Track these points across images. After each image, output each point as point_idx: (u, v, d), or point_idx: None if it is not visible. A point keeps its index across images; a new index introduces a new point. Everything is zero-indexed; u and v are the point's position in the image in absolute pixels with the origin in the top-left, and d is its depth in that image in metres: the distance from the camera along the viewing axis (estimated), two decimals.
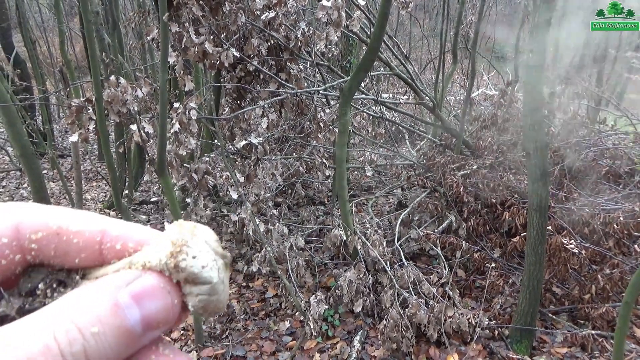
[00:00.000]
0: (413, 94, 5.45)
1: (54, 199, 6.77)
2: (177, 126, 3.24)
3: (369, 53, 3.28)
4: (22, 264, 0.29)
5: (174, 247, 0.28)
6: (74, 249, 0.30)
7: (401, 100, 5.39)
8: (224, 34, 4.01)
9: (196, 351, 3.30)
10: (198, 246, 0.29)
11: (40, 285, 0.29)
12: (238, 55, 3.77)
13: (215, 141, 5.17)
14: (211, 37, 3.72)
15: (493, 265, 3.49)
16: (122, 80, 2.96)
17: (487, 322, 3.22)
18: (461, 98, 8.21)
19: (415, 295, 3.38)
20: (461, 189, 4.22)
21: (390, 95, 9.01)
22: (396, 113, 7.32)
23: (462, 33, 9.07)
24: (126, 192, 6.21)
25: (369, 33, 4.71)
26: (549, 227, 3.46)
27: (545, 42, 2.84)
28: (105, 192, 7.06)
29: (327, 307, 3.53)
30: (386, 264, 3.58)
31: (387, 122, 6.91)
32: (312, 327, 3.34)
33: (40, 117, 8.90)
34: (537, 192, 2.97)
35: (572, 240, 3.47)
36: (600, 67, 7.66)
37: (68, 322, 0.24)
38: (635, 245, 3.64)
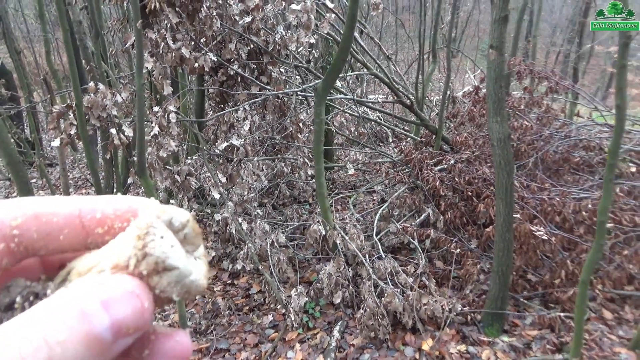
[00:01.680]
0: (392, 94, 5.60)
1: None
2: (156, 129, 3.36)
3: (340, 53, 3.41)
4: (7, 255, 0.29)
5: (140, 231, 0.28)
6: (55, 227, 0.30)
7: (379, 100, 5.52)
8: (203, 39, 4.13)
9: None
10: (163, 226, 0.29)
11: (18, 299, 0.29)
12: (215, 60, 3.89)
13: (201, 145, 5.27)
14: (192, 42, 3.84)
15: (458, 250, 3.63)
16: (101, 86, 3.07)
17: (460, 308, 3.35)
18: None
19: (392, 285, 3.50)
20: (437, 183, 4.36)
21: (377, 95, 9.16)
22: (380, 113, 7.47)
23: (443, 32, 9.24)
24: None
25: None
26: (518, 216, 3.59)
27: (504, 37, 2.99)
28: None
29: (307, 300, 3.65)
30: (364, 257, 3.71)
31: (370, 122, 7.06)
32: (293, 319, 3.46)
33: (27, 127, 8.98)
34: (502, 181, 3.11)
35: (542, 228, 3.61)
36: (577, 62, 7.86)
37: (33, 331, 0.23)
38: None
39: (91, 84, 3.02)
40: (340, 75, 6.10)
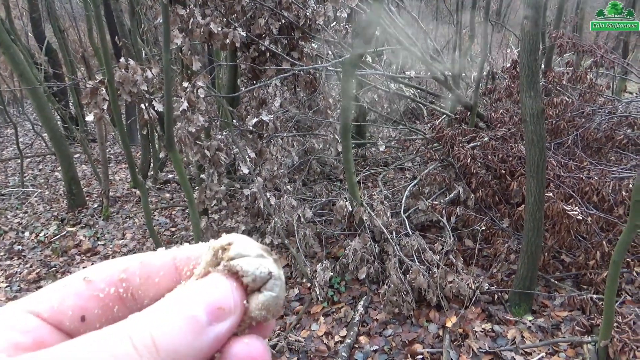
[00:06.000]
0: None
1: (86, 180, 7.15)
2: (185, 104, 3.41)
3: (368, 25, 3.34)
4: (118, 302, 0.32)
5: (218, 245, 0.31)
6: (153, 270, 0.34)
7: (412, 75, 5.40)
8: (234, 15, 4.13)
9: None
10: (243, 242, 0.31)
11: None
12: (245, 35, 3.89)
13: (234, 121, 5.32)
14: (223, 19, 3.84)
15: (487, 229, 3.55)
16: (131, 62, 3.14)
17: (487, 287, 3.30)
18: (484, 73, 8.11)
19: (419, 263, 3.48)
20: (469, 161, 4.26)
21: (412, 72, 8.96)
22: (416, 90, 7.31)
23: (483, 6, 8.86)
24: (151, 172, 6.49)
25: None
26: (551, 194, 3.47)
27: (540, 8, 2.84)
28: None
29: (333, 274, 3.68)
30: (391, 234, 3.69)
31: (404, 99, 6.93)
32: (318, 292, 3.50)
33: (72, 104, 9.32)
34: (533, 159, 3.00)
35: (577, 207, 3.48)
36: (627, 36, 7.40)
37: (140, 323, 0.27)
38: None
39: (122, 60, 3.09)
40: (374, 50, 5.99)
